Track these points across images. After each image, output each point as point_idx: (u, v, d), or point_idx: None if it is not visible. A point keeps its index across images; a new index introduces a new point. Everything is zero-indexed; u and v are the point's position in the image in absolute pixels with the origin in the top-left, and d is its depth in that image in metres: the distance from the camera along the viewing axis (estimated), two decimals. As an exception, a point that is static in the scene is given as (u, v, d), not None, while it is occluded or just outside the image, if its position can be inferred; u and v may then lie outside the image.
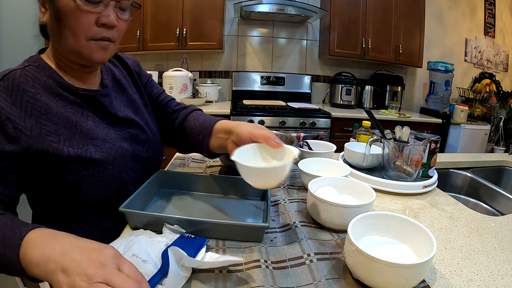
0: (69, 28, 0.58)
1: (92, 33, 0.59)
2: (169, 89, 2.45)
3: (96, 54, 0.61)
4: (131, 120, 0.74)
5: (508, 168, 1.33)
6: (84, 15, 0.57)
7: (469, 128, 2.67)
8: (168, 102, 0.91)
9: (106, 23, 0.59)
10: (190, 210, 0.71)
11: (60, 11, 0.57)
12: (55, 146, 0.58)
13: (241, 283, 0.48)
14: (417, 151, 0.88)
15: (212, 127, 0.77)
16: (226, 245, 0.58)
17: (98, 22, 0.58)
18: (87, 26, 0.58)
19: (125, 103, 0.76)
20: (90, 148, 0.63)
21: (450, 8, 3.05)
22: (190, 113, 0.87)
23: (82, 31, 0.58)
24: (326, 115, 2.42)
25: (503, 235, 0.69)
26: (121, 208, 0.59)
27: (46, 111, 0.59)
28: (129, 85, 0.80)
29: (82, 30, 0.58)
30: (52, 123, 0.59)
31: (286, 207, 0.74)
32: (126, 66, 0.82)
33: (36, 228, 0.47)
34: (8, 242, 0.45)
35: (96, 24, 0.58)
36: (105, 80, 0.73)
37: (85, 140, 0.63)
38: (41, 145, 0.57)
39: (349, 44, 2.66)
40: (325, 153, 1.01)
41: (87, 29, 0.58)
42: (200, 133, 0.80)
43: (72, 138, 0.61)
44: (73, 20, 0.57)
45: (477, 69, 3.27)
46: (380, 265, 0.45)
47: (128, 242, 0.52)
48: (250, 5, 2.40)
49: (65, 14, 0.56)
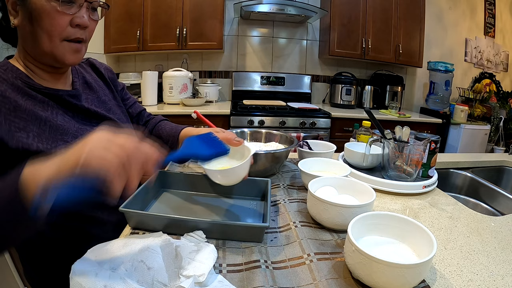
0: (44, 30, 0.59)
1: (66, 33, 0.60)
2: (169, 89, 2.45)
3: (69, 56, 0.63)
4: (103, 115, 0.75)
5: (508, 168, 1.33)
6: (59, 16, 0.58)
7: (469, 128, 2.67)
8: (141, 111, 0.97)
9: (80, 24, 0.61)
10: (190, 210, 0.71)
11: (34, 12, 0.58)
12: (24, 141, 0.57)
13: (241, 283, 0.49)
14: (417, 151, 0.88)
15: (178, 134, 0.87)
16: (226, 245, 0.58)
17: (73, 23, 0.60)
18: (62, 27, 0.59)
19: (96, 103, 0.77)
20: (60, 143, 0.62)
21: (450, 8, 3.05)
22: (159, 123, 0.96)
23: (57, 32, 0.59)
24: (326, 115, 2.42)
25: (503, 235, 0.69)
26: (121, 208, 0.59)
27: (15, 108, 0.58)
28: (100, 88, 0.81)
29: (57, 31, 0.59)
30: (21, 120, 0.58)
31: (286, 207, 0.74)
32: (98, 71, 0.85)
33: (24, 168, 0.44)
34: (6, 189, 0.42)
35: (70, 25, 0.60)
36: (75, 82, 0.74)
37: (55, 136, 0.62)
38: (10, 141, 0.56)
39: (349, 44, 2.66)
40: (325, 153, 1.01)
41: (61, 30, 0.60)
42: (168, 140, 0.89)
43: (41, 135, 0.60)
44: (48, 21, 0.58)
45: (477, 69, 3.27)
46: (380, 265, 0.45)
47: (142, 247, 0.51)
48: (250, 5, 2.40)
49: (40, 15, 0.57)
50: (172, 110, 2.29)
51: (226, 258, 0.55)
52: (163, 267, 0.48)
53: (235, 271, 0.51)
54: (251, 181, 0.78)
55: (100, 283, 0.44)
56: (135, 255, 0.49)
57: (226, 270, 0.51)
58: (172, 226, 0.60)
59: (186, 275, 0.47)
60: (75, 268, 0.46)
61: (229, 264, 0.53)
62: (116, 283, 0.44)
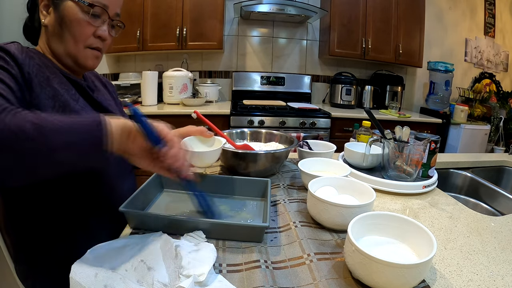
0: (72, 34, 0.67)
1: (89, 42, 0.70)
2: (169, 89, 2.45)
3: (89, 61, 0.72)
4: (111, 112, 0.80)
5: (508, 168, 1.33)
6: (87, 26, 0.68)
7: (469, 128, 2.67)
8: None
9: (101, 36, 0.70)
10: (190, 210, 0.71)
11: (66, 18, 0.66)
12: (49, 110, 0.61)
13: (241, 283, 0.48)
14: (417, 151, 0.88)
15: None
16: (226, 245, 0.58)
17: (95, 34, 0.70)
18: (87, 36, 0.69)
19: (104, 101, 0.82)
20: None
21: (450, 8, 3.05)
22: None
23: (82, 39, 0.68)
24: (326, 115, 2.42)
25: (503, 235, 0.69)
26: (121, 208, 0.59)
27: (48, 79, 0.64)
28: (105, 93, 0.88)
29: (82, 38, 0.68)
30: (52, 89, 0.64)
31: (286, 207, 0.74)
32: (102, 82, 0.92)
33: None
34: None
35: (93, 35, 0.70)
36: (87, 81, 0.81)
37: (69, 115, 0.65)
38: (38, 104, 0.60)
39: (349, 44, 2.66)
40: (325, 153, 1.01)
41: (86, 37, 0.69)
42: None
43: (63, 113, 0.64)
44: (77, 28, 0.67)
45: (477, 69, 3.27)
46: (380, 265, 0.45)
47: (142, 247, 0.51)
48: (250, 5, 2.40)
49: (71, 22, 0.66)
50: (172, 110, 2.29)
51: (226, 258, 0.55)
52: (163, 267, 0.48)
53: (235, 271, 0.51)
54: (251, 181, 0.78)
55: (100, 283, 0.44)
56: (135, 255, 0.49)
57: (226, 270, 0.51)
58: (172, 226, 0.60)
59: (186, 274, 0.47)
60: (75, 268, 0.46)
61: (229, 264, 0.53)
62: (116, 283, 0.44)
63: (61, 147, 0.44)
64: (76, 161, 0.47)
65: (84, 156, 0.47)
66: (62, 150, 0.44)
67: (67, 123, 0.45)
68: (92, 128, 0.46)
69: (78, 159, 0.47)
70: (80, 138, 0.45)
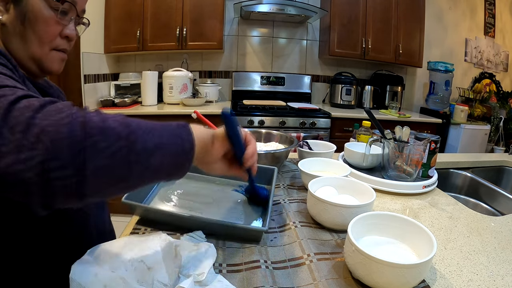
0: (37, 34, 0.58)
1: (56, 43, 0.61)
2: (169, 89, 2.45)
3: (56, 65, 0.63)
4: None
5: (508, 168, 1.33)
6: (54, 25, 0.58)
7: (469, 128, 2.67)
8: None
9: (68, 36, 0.61)
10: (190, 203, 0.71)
11: (30, 14, 0.56)
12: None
13: (241, 283, 0.48)
14: (417, 151, 0.88)
15: None
16: (226, 245, 0.58)
17: (62, 34, 0.61)
18: (54, 36, 0.59)
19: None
20: None
21: (450, 8, 3.05)
22: None
23: (48, 40, 0.59)
24: (326, 115, 2.42)
25: (503, 235, 0.69)
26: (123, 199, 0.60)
27: (24, 80, 0.57)
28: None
29: (49, 38, 0.59)
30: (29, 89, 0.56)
31: (286, 207, 0.74)
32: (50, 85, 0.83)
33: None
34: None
35: (59, 35, 0.61)
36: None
37: None
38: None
39: (349, 44, 2.66)
40: (325, 153, 1.01)
41: (53, 38, 0.60)
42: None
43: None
44: (43, 27, 0.57)
45: (477, 69, 3.27)
46: (380, 265, 0.45)
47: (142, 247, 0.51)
48: (250, 5, 2.40)
49: (36, 19, 0.56)
50: (172, 110, 2.29)
51: (226, 258, 0.55)
52: (163, 267, 0.48)
53: (235, 271, 0.51)
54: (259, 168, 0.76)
55: (100, 283, 0.44)
56: (135, 255, 0.49)
57: (226, 270, 0.51)
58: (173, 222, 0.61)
59: (186, 274, 0.47)
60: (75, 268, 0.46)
61: (229, 264, 0.53)
62: (116, 283, 0.44)
63: (155, 149, 0.39)
64: (165, 169, 0.42)
65: (175, 164, 0.42)
66: (156, 151, 0.39)
67: (151, 124, 0.41)
68: (180, 131, 0.43)
69: (169, 167, 0.42)
70: (171, 141, 0.41)
